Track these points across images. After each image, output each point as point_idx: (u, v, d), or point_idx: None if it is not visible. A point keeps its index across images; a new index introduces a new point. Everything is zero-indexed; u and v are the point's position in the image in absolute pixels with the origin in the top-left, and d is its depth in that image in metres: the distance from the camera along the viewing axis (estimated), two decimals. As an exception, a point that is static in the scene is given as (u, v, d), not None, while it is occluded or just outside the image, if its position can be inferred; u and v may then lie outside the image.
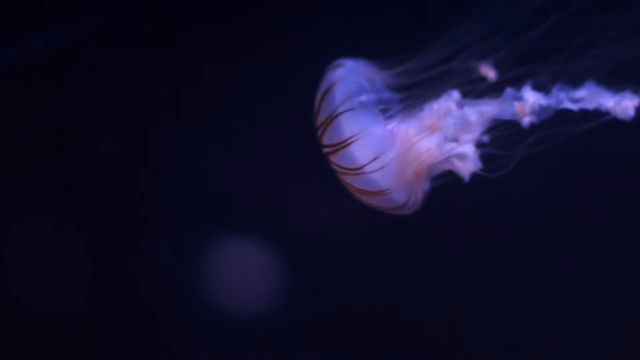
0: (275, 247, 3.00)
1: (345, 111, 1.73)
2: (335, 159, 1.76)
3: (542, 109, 1.68)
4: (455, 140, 1.74)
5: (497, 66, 1.73)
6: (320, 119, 1.77)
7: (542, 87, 1.69)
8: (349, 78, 1.77)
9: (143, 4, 3.04)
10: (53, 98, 3.02)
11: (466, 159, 1.73)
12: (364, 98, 1.75)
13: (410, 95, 1.78)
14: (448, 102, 1.72)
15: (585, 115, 1.67)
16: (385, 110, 1.78)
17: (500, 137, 1.73)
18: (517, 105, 1.68)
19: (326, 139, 1.76)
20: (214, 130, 3.03)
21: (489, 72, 1.72)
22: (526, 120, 1.69)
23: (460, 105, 1.72)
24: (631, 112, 1.61)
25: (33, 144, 3.03)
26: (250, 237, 3.02)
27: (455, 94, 1.72)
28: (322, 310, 2.97)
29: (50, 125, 3.03)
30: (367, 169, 1.73)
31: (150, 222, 3.06)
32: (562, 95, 1.67)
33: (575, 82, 1.67)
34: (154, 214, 3.06)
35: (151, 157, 3.07)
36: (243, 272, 3.02)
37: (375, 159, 1.72)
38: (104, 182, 3.04)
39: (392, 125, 1.76)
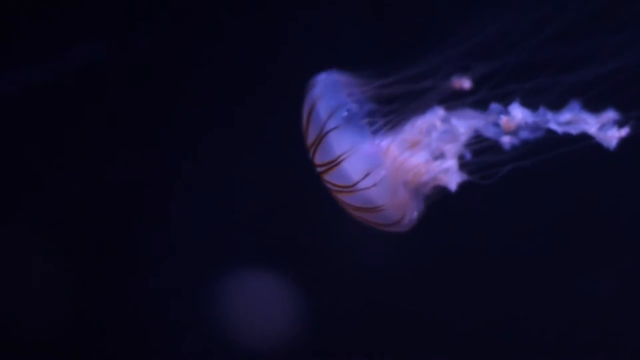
0: (287, 277, 3.00)
1: (332, 129, 1.73)
2: (328, 177, 1.77)
3: (527, 127, 1.67)
4: (441, 154, 1.74)
5: (485, 81, 1.73)
6: (310, 139, 1.78)
7: (528, 105, 1.68)
8: (330, 93, 1.77)
9: (143, 35, 3.01)
10: (55, 126, 3.02)
11: (450, 172, 1.73)
12: (346, 112, 1.75)
13: (394, 108, 1.78)
14: (433, 118, 1.72)
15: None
16: (371, 124, 1.78)
17: (485, 148, 1.73)
18: (504, 119, 1.67)
19: (318, 159, 1.77)
20: (223, 157, 3.03)
21: (464, 83, 1.71)
22: (509, 138, 1.69)
23: (445, 120, 1.72)
24: (614, 143, 1.60)
25: (38, 169, 3.03)
26: (262, 267, 3.03)
27: (440, 111, 1.72)
28: (335, 337, 2.98)
29: (54, 152, 3.02)
30: (360, 185, 1.73)
31: (162, 253, 3.06)
32: (547, 115, 1.66)
33: (561, 102, 1.66)
34: (163, 243, 3.05)
35: (159, 185, 3.06)
36: (258, 303, 3.02)
37: (367, 175, 1.73)
38: (108, 209, 3.03)
39: (380, 140, 1.75)
